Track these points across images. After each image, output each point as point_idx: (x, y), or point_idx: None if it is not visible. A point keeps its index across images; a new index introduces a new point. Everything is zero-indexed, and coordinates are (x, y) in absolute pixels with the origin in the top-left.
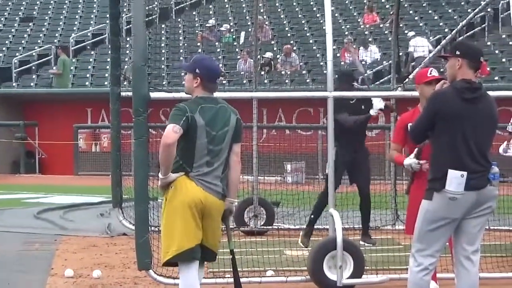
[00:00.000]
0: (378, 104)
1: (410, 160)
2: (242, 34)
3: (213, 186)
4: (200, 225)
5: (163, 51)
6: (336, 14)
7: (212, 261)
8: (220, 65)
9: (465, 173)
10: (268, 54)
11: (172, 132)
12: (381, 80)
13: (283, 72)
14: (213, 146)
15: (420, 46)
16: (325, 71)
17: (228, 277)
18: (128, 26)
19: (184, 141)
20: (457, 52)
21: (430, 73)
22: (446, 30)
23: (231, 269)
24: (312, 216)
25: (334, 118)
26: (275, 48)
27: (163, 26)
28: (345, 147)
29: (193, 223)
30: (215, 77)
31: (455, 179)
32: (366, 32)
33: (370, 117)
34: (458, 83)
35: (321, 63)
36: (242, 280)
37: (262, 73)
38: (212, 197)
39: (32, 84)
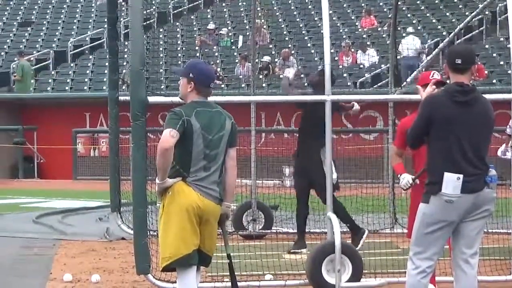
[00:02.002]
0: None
1: (406, 177)
2: (240, 38)
3: (210, 191)
4: (197, 230)
5: (161, 55)
6: (334, 18)
7: (207, 266)
8: (218, 69)
9: (461, 176)
10: (266, 58)
11: (169, 136)
12: (379, 84)
13: (281, 76)
14: (209, 150)
15: (410, 47)
16: None
17: (227, 281)
18: (126, 31)
19: (181, 146)
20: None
21: (432, 76)
22: (444, 33)
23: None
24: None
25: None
26: (273, 52)
27: (161, 30)
28: (295, 159)
29: (191, 229)
30: (209, 81)
31: (451, 182)
32: (364, 36)
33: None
34: (450, 86)
35: (319, 67)
36: (240, 284)
37: (260, 77)
38: (210, 202)
39: (31, 88)
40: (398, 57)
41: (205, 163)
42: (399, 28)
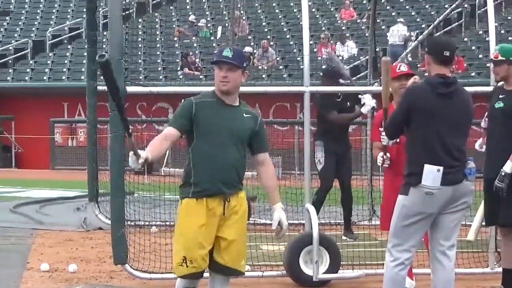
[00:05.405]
0: (370, 102)
1: (379, 154)
2: (219, 29)
3: None
4: None
5: (140, 45)
6: (313, 9)
7: None
8: (197, 59)
9: (441, 167)
10: (248, 49)
11: None
12: (358, 76)
13: (260, 67)
14: None
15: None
16: (301, 66)
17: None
18: (105, 21)
19: None
20: (426, 49)
21: (399, 68)
22: (423, 25)
23: None
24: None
25: (322, 115)
26: (252, 43)
27: (140, 20)
28: (331, 142)
29: None
30: None
31: (431, 174)
32: (343, 28)
33: (361, 115)
34: (432, 78)
35: (298, 58)
36: None
37: None
38: None
39: (8, 78)
40: (379, 48)
41: None
42: (378, 21)
